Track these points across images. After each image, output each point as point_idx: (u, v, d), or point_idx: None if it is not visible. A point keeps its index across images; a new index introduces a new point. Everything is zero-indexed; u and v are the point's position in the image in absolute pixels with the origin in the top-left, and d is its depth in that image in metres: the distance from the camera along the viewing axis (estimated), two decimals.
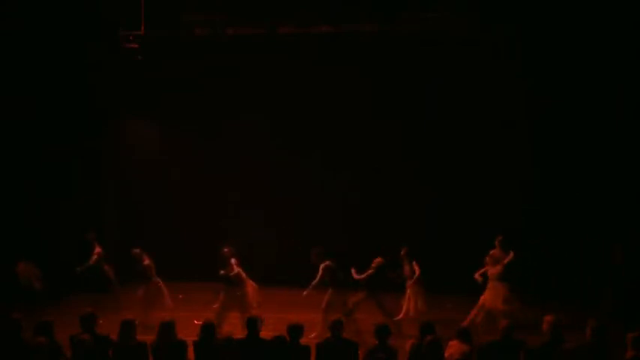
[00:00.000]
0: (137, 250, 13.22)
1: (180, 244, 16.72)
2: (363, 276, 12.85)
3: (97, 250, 13.50)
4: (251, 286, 12.87)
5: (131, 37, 14.53)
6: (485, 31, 14.76)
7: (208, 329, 8.15)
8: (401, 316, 13.11)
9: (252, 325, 8.25)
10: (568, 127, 15.36)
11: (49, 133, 15.74)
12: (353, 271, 12.92)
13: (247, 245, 16.29)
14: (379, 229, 16.24)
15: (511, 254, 12.89)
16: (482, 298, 12.84)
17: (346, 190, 16.60)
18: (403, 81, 16.07)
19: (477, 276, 13.03)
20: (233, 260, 12.68)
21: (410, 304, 13.19)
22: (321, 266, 12.68)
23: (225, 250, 12.72)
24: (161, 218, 17.08)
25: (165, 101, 16.70)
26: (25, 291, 12.97)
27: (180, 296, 14.72)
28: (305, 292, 12.72)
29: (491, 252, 13.09)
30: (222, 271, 12.56)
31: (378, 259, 12.95)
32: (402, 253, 13.34)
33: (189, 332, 8.99)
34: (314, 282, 12.68)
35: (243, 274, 12.75)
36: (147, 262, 13.08)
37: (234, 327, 12.00)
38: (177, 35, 15.48)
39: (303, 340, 8.19)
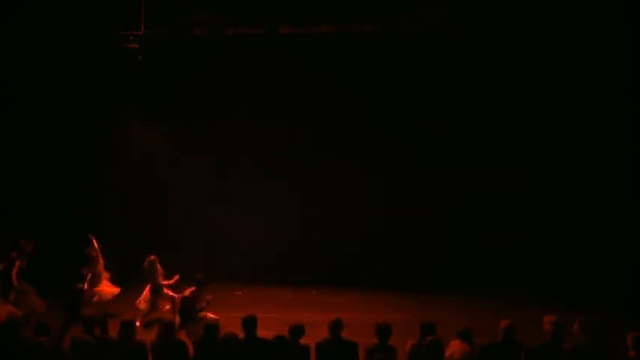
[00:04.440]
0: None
1: (180, 245, 16.68)
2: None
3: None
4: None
5: (131, 37, 14.53)
6: (484, 29, 14.81)
7: (210, 329, 8.14)
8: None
9: (251, 324, 8.23)
10: (567, 128, 15.39)
11: (49, 133, 15.71)
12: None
13: (248, 245, 16.38)
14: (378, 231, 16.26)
15: None
16: None
17: (346, 188, 16.58)
18: (403, 81, 16.07)
19: None
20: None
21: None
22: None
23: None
24: (161, 218, 17.06)
25: (165, 101, 16.67)
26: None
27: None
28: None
29: None
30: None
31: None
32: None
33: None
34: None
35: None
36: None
37: (233, 327, 11.95)
38: (177, 35, 15.48)
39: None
